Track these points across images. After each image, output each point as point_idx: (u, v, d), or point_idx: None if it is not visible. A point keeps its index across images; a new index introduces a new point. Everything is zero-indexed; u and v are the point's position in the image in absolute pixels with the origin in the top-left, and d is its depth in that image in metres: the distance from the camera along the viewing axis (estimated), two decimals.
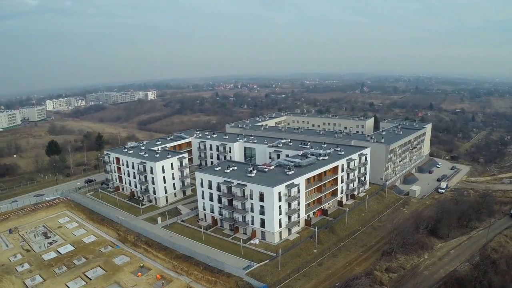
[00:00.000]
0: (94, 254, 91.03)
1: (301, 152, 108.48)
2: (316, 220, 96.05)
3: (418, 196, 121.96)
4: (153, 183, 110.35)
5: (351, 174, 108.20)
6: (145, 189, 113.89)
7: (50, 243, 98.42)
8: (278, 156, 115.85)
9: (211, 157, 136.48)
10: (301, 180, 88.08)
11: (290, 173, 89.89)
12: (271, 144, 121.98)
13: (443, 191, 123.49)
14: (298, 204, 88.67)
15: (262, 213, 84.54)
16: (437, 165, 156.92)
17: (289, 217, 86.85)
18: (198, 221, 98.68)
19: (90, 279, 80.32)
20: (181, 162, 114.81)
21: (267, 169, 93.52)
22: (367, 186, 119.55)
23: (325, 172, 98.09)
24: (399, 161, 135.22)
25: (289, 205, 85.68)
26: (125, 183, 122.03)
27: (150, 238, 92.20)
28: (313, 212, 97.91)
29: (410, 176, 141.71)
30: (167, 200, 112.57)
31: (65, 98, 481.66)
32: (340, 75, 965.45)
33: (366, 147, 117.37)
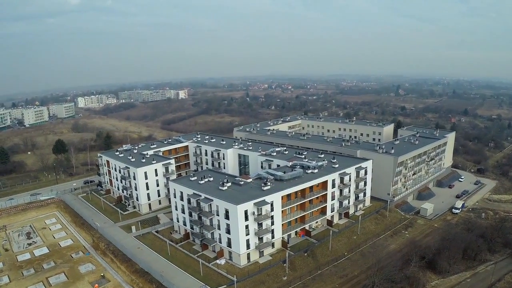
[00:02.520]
0: (64, 259, 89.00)
1: (290, 163, 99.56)
2: (297, 241, 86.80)
3: (430, 216, 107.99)
4: (136, 189, 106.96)
5: (345, 190, 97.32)
6: (129, 195, 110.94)
7: (30, 244, 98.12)
8: (269, 166, 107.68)
9: (207, 163, 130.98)
10: (276, 197, 79.39)
11: (266, 188, 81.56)
12: (264, 152, 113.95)
13: (457, 211, 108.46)
14: (272, 223, 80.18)
15: (228, 231, 77.27)
16: (460, 179, 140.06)
17: (260, 238, 78.69)
18: (171, 233, 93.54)
19: (51, 285, 78.17)
20: (166, 168, 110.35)
21: (242, 182, 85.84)
22: (367, 203, 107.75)
23: (311, 187, 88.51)
24: (412, 175, 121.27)
25: (260, 224, 77.52)
26: (115, 187, 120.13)
27: (117, 247, 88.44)
28: (296, 232, 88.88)
29: (425, 191, 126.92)
30: (150, 207, 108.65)
31: (97, 96, 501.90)
32: (379, 77, 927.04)
33: (367, 159, 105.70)
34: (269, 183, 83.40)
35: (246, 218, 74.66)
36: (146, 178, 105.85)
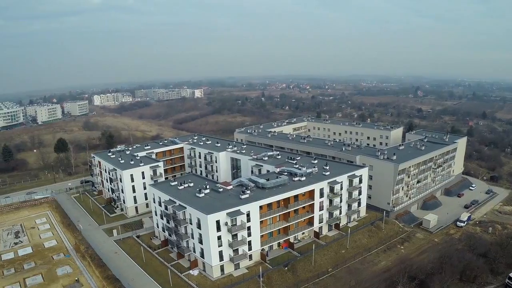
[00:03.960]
0: (44, 260, 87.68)
1: (278, 169, 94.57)
2: (279, 253, 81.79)
3: (432, 228, 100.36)
4: (123, 191, 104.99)
5: (336, 200, 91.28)
6: (117, 197, 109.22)
7: (16, 243, 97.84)
8: (260, 171, 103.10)
9: (200, 166, 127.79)
10: (253, 207, 74.73)
11: (244, 196, 77.02)
12: (255, 156, 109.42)
13: (462, 224, 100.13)
14: (249, 234, 75.62)
15: (201, 241, 73.43)
16: (471, 187, 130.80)
17: (235, 250, 74.31)
18: (152, 239, 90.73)
19: (26, 286, 76.91)
20: (154, 171, 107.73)
21: (222, 189, 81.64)
22: (362, 214, 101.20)
23: (296, 196, 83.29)
24: (416, 183, 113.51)
25: (235, 235, 73.15)
26: (106, 188, 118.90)
27: (96, 251, 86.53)
28: (279, 243, 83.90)
29: (431, 200, 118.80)
30: (137, 211, 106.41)
31: (112, 94, 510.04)
32: (399, 78, 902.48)
33: (363, 167, 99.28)
34: (248, 191, 78.83)
35: (219, 229, 70.50)
36: (132, 180, 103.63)
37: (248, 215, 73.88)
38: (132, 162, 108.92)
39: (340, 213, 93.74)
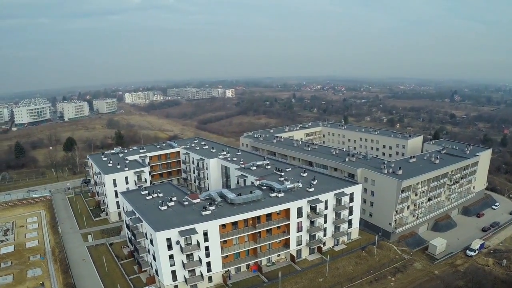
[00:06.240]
0: (20, 260, 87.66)
1: (258, 182, 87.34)
2: (245, 277, 74.65)
3: (439, 254, 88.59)
4: (106, 196, 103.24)
5: (318, 221, 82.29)
6: (102, 201, 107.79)
7: (1, 241, 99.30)
8: (245, 182, 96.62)
9: (194, 172, 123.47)
10: (212, 225, 68.40)
11: (206, 213, 70.89)
12: (242, 166, 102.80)
13: (472, 254, 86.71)
14: (208, 255, 69.36)
15: (154, 258, 68.49)
16: (494, 206, 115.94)
17: (192, 270, 68.47)
18: (122, 248, 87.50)
19: None
20: (139, 176, 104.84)
21: (187, 203, 76.11)
22: (354, 236, 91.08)
23: (268, 215, 75.71)
24: (427, 201, 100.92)
25: (190, 255, 67.34)
26: (95, 191, 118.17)
27: (66, 255, 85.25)
28: (248, 265, 76.82)
29: (444, 220, 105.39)
30: (120, 216, 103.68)
31: (143, 92, 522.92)
32: (439, 82, 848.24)
33: (356, 183, 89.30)
34: (212, 207, 72.63)
35: (170, 247, 65.07)
36: (115, 185, 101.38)
37: (205, 234, 67.66)
38: (119, 166, 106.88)
39: (325, 235, 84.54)
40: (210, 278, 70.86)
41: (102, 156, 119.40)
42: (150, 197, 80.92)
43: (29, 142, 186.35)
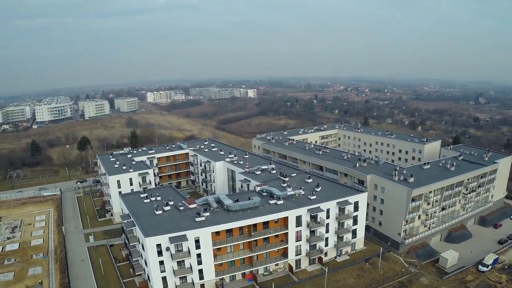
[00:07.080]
0: (23, 258, 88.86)
1: (259, 188, 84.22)
2: (239, 286, 71.85)
3: (450, 268, 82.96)
4: (111, 196, 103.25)
5: (319, 230, 78.14)
6: (107, 201, 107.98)
7: (9, 238, 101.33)
8: (248, 187, 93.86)
9: (201, 174, 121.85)
10: (204, 233, 65.91)
11: (199, 219, 68.60)
12: (247, 170, 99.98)
13: (485, 269, 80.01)
14: (200, 262, 67.01)
15: (146, 264, 66.90)
16: None
17: (183, 277, 66.33)
18: (121, 249, 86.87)
19: None
20: (143, 178, 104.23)
21: (182, 208, 74.11)
22: (359, 246, 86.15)
23: (266, 223, 72.49)
24: (439, 211, 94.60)
25: (181, 262, 65.23)
26: (103, 191, 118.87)
27: (66, 255, 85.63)
28: (243, 274, 73.87)
29: (459, 231, 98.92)
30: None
31: (165, 92, 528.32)
32: (464, 83, 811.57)
33: (362, 192, 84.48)
34: (207, 213, 70.27)
35: (161, 253, 63.19)
36: (119, 186, 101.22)
37: (197, 241, 65.31)
38: (124, 167, 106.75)
39: (326, 245, 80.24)
40: (202, 286, 68.52)
41: (111, 157, 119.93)
42: (148, 200, 79.64)
43: (47, 140, 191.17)
